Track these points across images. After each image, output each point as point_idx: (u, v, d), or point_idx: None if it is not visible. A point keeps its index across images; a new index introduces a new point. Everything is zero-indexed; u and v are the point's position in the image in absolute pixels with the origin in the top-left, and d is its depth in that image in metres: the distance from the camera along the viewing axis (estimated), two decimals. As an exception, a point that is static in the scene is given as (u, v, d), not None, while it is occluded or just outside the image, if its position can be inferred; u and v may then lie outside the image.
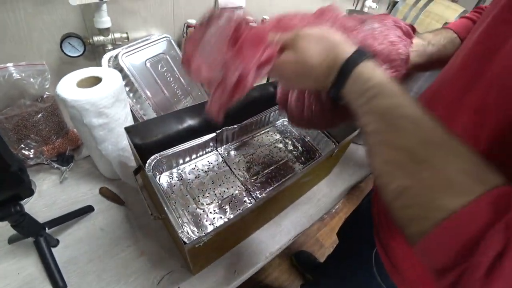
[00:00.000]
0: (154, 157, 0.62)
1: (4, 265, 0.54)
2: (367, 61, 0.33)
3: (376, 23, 0.45)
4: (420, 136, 0.26)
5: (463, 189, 0.23)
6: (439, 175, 0.24)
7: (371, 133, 0.30)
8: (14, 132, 0.66)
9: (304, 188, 0.72)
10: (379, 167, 0.29)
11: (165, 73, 0.77)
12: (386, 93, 0.30)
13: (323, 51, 0.34)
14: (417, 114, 0.27)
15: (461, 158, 0.24)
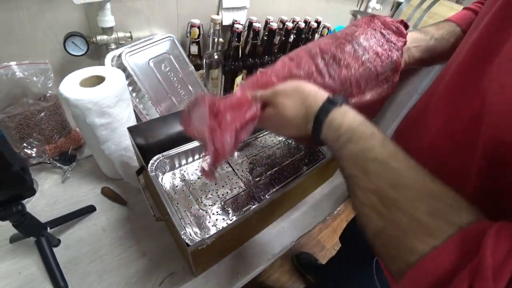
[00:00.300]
0: (157, 157, 0.62)
1: (5, 265, 0.53)
2: (337, 108, 0.35)
3: (362, 37, 0.45)
4: (388, 178, 0.27)
5: (431, 232, 0.23)
6: (408, 217, 0.24)
7: (347, 176, 0.32)
8: (16, 131, 0.66)
9: (307, 190, 0.72)
10: (357, 208, 0.30)
11: (168, 73, 0.77)
12: (356, 138, 0.31)
13: (297, 104, 0.38)
14: (385, 156, 0.28)
15: (430, 199, 0.24)
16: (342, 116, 0.34)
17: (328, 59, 0.45)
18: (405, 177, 0.26)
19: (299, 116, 0.38)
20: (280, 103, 0.39)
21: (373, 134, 0.31)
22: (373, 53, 0.45)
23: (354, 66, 0.44)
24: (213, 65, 0.85)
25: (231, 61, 0.88)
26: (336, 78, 0.44)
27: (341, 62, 0.44)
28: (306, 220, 0.69)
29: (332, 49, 0.45)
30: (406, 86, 0.77)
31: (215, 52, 0.83)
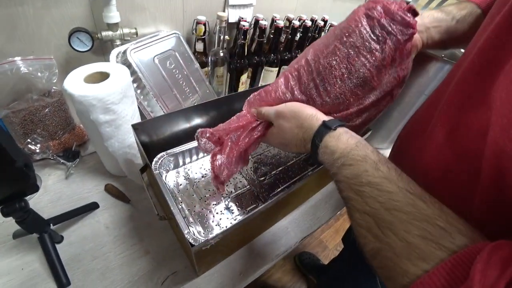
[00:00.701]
0: (161, 155, 0.61)
1: (8, 261, 0.53)
2: (331, 132, 0.36)
3: (354, 36, 0.42)
4: (383, 201, 0.27)
5: (423, 255, 0.23)
6: (401, 240, 0.25)
7: (344, 199, 0.33)
8: (21, 127, 0.65)
9: (312, 190, 0.71)
10: (355, 229, 0.30)
11: (173, 70, 0.76)
12: (349, 162, 0.32)
13: (295, 128, 0.41)
14: (378, 180, 0.29)
15: (423, 222, 0.24)
16: (335, 141, 0.35)
17: (325, 72, 0.44)
18: (398, 200, 0.27)
19: (297, 139, 0.41)
20: (281, 125, 0.43)
21: (366, 158, 0.31)
22: (368, 52, 0.42)
23: (347, 76, 0.43)
24: (219, 63, 0.84)
25: (237, 59, 0.88)
26: (332, 96, 0.45)
27: (336, 73, 0.43)
28: (311, 221, 0.69)
29: (328, 59, 0.44)
30: (414, 86, 0.76)
31: (220, 50, 0.82)
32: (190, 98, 0.81)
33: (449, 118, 0.35)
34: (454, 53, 0.82)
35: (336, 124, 0.37)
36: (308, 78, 0.45)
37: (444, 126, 0.35)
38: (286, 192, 0.51)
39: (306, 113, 0.40)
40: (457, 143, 0.32)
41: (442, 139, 0.34)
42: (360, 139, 0.35)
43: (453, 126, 0.33)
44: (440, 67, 0.70)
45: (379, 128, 0.87)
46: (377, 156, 0.32)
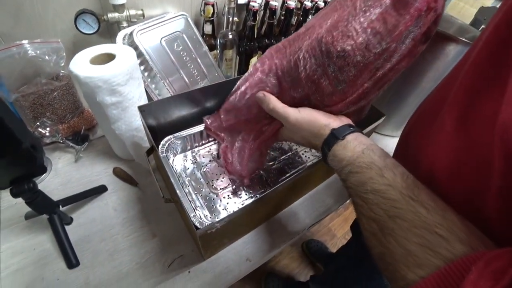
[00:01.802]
0: (168, 138, 0.60)
1: (20, 240, 0.54)
2: (339, 142, 0.37)
3: (353, 16, 0.36)
4: (386, 209, 0.28)
5: (420, 263, 0.24)
6: (401, 247, 0.26)
7: (353, 204, 0.34)
8: (30, 110, 0.66)
9: (322, 176, 0.69)
10: (364, 233, 0.31)
11: (181, 53, 0.74)
12: (355, 170, 0.33)
13: (307, 135, 0.41)
14: (383, 187, 0.29)
15: (422, 230, 0.25)
16: (343, 150, 0.36)
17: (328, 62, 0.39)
18: (401, 207, 0.27)
19: (308, 144, 0.43)
20: (293, 131, 0.44)
21: (371, 165, 0.32)
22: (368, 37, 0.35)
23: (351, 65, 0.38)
24: (228, 46, 0.81)
25: (246, 41, 0.85)
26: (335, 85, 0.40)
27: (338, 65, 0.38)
28: (320, 208, 0.67)
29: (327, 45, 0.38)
30: (431, 70, 0.72)
31: (229, 32, 0.80)
32: (199, 82, 0.79)
33: (458, 104, 0.32)
34: (476, 36, 0.77)
35: (345, 133, 0.37)
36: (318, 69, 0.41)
37: (453, 113, 0.32)
38: (294, 178, 0.49)
39: (321, 124, 0.40)
40: (466, 131, 0.30)
41: (451, 126, 0.32)
42: (369, 144, 0.35)
43: (463, 112, 0.31)
44: (461, 50, 0.66)
45: (393, 114, 0.83)
46: (383, 162, 0.32)
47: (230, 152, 0.52)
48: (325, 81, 0.39)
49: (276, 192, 0.47)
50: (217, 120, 0.54)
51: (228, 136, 0.55)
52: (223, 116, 0.53)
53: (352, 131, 0.38)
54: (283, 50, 0.44)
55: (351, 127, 0.39)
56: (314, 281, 1.08)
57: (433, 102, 0.41)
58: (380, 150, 0.35)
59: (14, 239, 0.54)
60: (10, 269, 0.51)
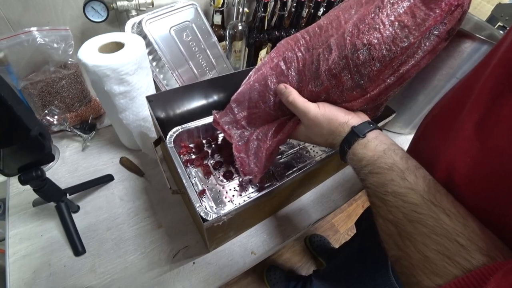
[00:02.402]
0: (175, 129, 0.60)
1: (29, 226, 0.55)
2: (360, 140, 0.36)
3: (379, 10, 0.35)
4: (406, 212, 0.27)
5: (438, 270, 0.23)
6: (419, 253, 0.25)
7: (371, 204, 0.33)
8: (39, 98, 0.66)
9: (329, 172, 0.69)
10: (380, 233, 0.31)
11: (190, 43, 0.74)
12: (376, 171, 0.32)
13: (326, 133, 0.40)
14: (404, 190, 0.28)
15: (441, 237, 0.24)
16: (363, 149, 0.35)
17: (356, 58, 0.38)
18: (422, 212, 0.26)
19: (326, 143, 0.41)
20: (311, 128, 0.42)
21: (393, 166, 0.31)
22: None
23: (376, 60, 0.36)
24: (237, 37, 0.80)
25: (256, 33, 0.84)
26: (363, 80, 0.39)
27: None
28: (326, 203, 0.67)
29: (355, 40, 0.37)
30: (444, 68, 0.70)
31: (239, 23, 0.79)
32: (208, 73, 0.79)
33: (479, 108, 0.30)
34: (493, 34, 0.75)
35: (366, 130, 0.36)
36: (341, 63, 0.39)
37: (473, 117, 0.30)
38: (302, 173, 0.49)
39: (340, 121, 0.39)
40: (486, 137, 0.28)
41: (470, 131, 0.30)
42: (390, 144, 0.34)
43: (484, 117, 0.29)
44: (476, 48, 0.64)
45: (402, 112, 0.82)
46: (405, 163, 0.31)
47: (245, 153, 0.50)
48: (346, 76, 0.38)
49: (283, 186, 0.47)
50: (227, 115, 0.52)
51: (239, 133, 0.52)
52: (236, 109, 0.50)
53: (372, 128, 0.37)
54: (303, 42, 0.42)
55: (370, 124, 0.38)
56: (316, 275, 1.08)
57: (451, 104, 0.40)
58: (402, 150, 0.34)
59: (22, 226, 0.55)
60: (18, 255, 0.51)
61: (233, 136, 0.51)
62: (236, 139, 0.51)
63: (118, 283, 0.50)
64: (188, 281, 0.51)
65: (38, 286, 0.48)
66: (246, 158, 0.49)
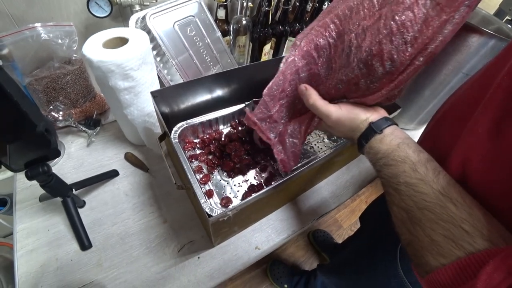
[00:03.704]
0: (180, 124, 0.60)
1: (35, 221, 0.56)
2: (377, 135, 0.38)
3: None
4: (416, 201, 0.30)
5: (443, 252, 0.26)
6: (427, 236, 0.28)
7: (386, 193, 0.36)
8: (44, 94, 0.66)
9: (334, 167, 0.69)
10: (394, 219, 0.34)
11: (194, 38, 0.73)
12: (390, 163, 0.35)
13: (347, 130, 0.42)
14: (415, 181, 0.31)
15: (448, 223, 0.27)
16: (379, 143, 0.37)
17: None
18: (430, 201, 0.29)
19: (346, 136, 0.44)
20: (333, 127, 0.43)
21: (406, 159, 0.33)
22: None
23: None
24: (241, 32, 0.80)
25: (260, 27, 0.83)
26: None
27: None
28: (330, 199, 0.67)
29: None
30: (450, 63, 0.69)
31: (243, 17, 0.78)
32: (212, 68, 0.78)
33: (495, 106, 0.30)
34: (500, 28, 0.73)
35: (383, 126, 0.38)
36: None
37: (488, 115, 0.30)
38: (306, 168, 0.49)
39: (361, 119, 0.41)
40: (500, 135, 0.28)
41: (484, 129, 0.30)
42: (404, 138, 0.37)
43: (499, 115, 0.29)
44: (484, 42, 0.62)
45: (408, 107, 0.81)
46: (417, 156, 0.33)
47: (285, 154, 0.49)
48: (377, 63, 0.36)
49: (288, 181, 0.47)
50: (261, 111, 0.48)
51: (273, 129, 0.50)
52: (270, 103, 0.47)
53: (389, 124, 0.39)
54: (333, 27, 0.40)
55: (387, 120, 0.40)
56: (321, 270, 1.08)
57: (464, 101, 0.39)
58: (415, 144, 0.36)
59: (29, 220, 0.56)
60: (25, 249, 0.52)
61: (272, 140, 0.50)
62: (273, 139, 0.50)
63: (124, 277, 0.50)
64: (193, 276, 0.52)
65: (45, 280, 0.49)
66: (286, 158, 0.49)
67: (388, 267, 0.56)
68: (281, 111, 0.48)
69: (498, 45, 0.61)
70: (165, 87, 0.56)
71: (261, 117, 0.48)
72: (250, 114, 0.49)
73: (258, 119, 0.49)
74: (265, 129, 0.49)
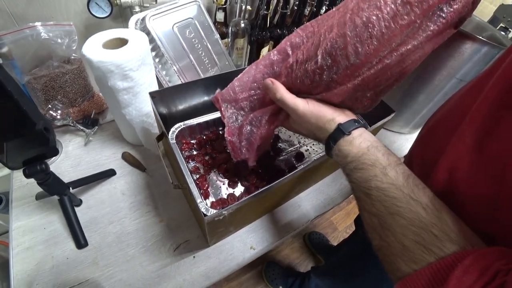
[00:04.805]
0: (178, 125, 0.61)
1: (32, 219, 0.56)
2: (345, 137, 0.37)
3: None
4: (387, 206, 0.30)
5: (414, 257, 0.26)
6: (398, 242, 0.28)
7: (356, 199, 0.35)
8: (42, 93, 0.67)
9: (329, 169, 0.69)
10: (365, 225, 0.33)
11: (192, 40, 0.74)
12: (360, 167, 0.34)
13: (313, 128, 0.41)
14: (385, 185, 0.31)
15: (418, 228, 0.27)
16: (348, 145, 0.36)
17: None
18: (401, 205, 0.29)
19: (314, 136, 0.43)
20: (298, 122, 0.43)
21: (375, 162, 0.33)
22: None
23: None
24: (239, 34, 0.81)
25: (258, 30, 0.84)
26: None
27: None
28: (325, 200, 0.68)
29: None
30: (444, 69, 0.70)
31: (242, 20, 0.79)
32: (210, 70, 0.79)
33: (480, 117, 0.31)
34: (494, 35, 0.75)
35: (351, 128, 0.37)
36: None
37: (474, 125, 0.31)
38: (301, 170, 0.49)
39: (327, 118, 0.40)
40: (484, 146, 0.29)
41: (470, 139, 0.31)
42: (373, 141, 0.36)
43: (484, 126, 0.30)
44: (477, 49, 0.64)
45: (403, 111, 0.82)
46: (387, 160, 0.33)
47: (238, 137, 0.49)
48: (342, 55, 0.36)
49: (283, 182, 0.48)
50: (229, 93, 0.49)
51: (235, 114, 0.50)
52: (238, 88, 0.48)
53: (357, 126, 0.38)
54: (310, 29, 0.42)
55: (356, 122, 0.39)
56: (315, 272, 1.09)
57: (456, 109, 0.40)
58: (384, 147, 0.35)
59: (25, 218, 0.56)
60: (21, 247, 0.52)
61: (227, 117, 0.50)
62: (230, 121, 0.50)
63: (119, 276, 0.51)
64: (188, 275, 0.52)
65: (41, 278, 0.49)
66: (238, 142, 0.49)
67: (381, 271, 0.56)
68: (250, 100, 0.48)
69: (491, 52, 0.63)
70: (163, 88, 0.57)
71: (226, 98, 0.49)
72: (218, 93, 0.50)
73: (222, 99, 0.49)
74: (226, 110, 0.50)
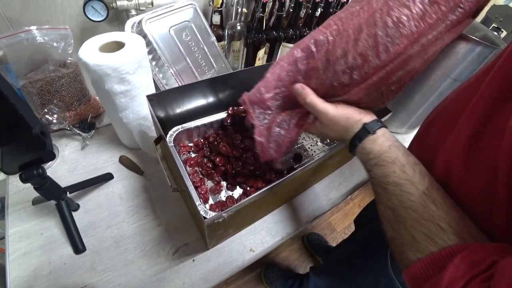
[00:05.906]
0: (176, 128, 0.61)
1: (28, 225, 0.55)
2: (370, 136, 0.40)
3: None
4: (402, 200, 0.33)
5: (420, 248, 0.29)
6: (409, 234, 0.31)
7: (374, 193, 0.38)
8: (38, 97, 0.66)
9: (328, 169, 0.70)
10: (380, 217, 0.36)
11: (189, 42, 0.74)
12: (380, 163, 0.37)
13: (342, 130, 0.43)
14: (402, 181, 0.33)
15: (427, 221, 0.29)
16: (372, 144, 0.39)
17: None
18: (415, 200, 0.31)
19: (339, 138, 0.45)
20: (328, 126, 0.44)
21: (395, 160, 0.36)
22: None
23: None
24: (235, 37, 0.81)
25: (254, 33, 0.84)
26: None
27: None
28: (323, 201, 0.68)
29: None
30: (439, 69, 0.71)
31: (238, 23, 0.79)
32: (206, 72, 0.79)
33: (476, 114, 0.32)
34: (487, 35, 0.76)
35: (376, 127, 0.40)
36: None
37: (470, 122, 0.32)
38: (300, 170, 0.49)
39: (355, 119, 0.42)
40: (478, 142, 0.30)
41: (465, 135, 0.32)
42: (394, 141, 0.39)
43: (479, 123, 0.30)
44: (471, 49, 0.65)
45: (399, 111, 0.83)
46: (406, 158, 0.36)
47: (266, 139, 0.49)
48: (372, 54, 0.37)
49: (282, 184, 0.48)
50: (254, 95, 0.49)
51: (262, 114, 0.50)
52: (263, 89, 0.48)
53: (380, 126, 0.41)
54: (335, 27, 0.42)
55: (378, 122, 0.41)
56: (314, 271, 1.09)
57: (453, 106, 0.41)
58: (404, 147, 0.38)
59: (22, 224, 0.55)
60: (17, 253, 0.52)
61: (256, 118, 0.50)
62: (259, 122, 0.50)
63: (118, 280, 0.50)
64: (188, 278, 0.52)
65: (38, 284, 0.49)
66: (266, 144, 0.49)
67: (379, 267, 0.57)
68: (276, 99, 0.48)
69: (485, 52, 0.64)
70: (161, 91, 0.57)
71: (253, 100, 0.49)
72: (245, 95, 0.50)
73: (249, 101, 0.49)
74: (254, 111, 0.50)
